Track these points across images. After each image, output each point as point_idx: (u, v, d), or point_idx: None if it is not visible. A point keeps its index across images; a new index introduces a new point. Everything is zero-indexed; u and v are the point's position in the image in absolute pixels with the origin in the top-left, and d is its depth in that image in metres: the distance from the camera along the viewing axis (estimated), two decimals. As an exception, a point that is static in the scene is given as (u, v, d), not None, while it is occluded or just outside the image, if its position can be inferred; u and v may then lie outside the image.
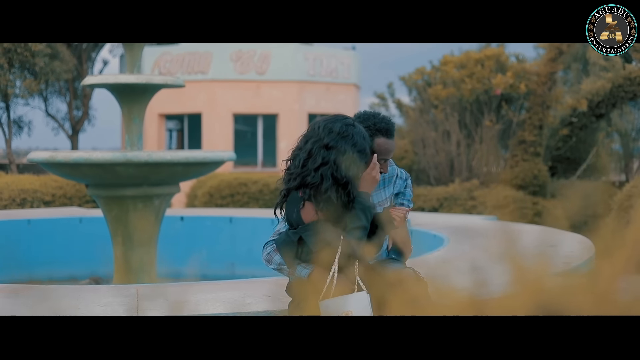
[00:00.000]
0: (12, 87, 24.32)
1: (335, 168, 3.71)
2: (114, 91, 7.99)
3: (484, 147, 15.36)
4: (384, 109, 18.11)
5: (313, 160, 3.73)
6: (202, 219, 11.14)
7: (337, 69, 25.54)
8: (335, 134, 3.74)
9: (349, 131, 3.76)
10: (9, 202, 15.22)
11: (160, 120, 25.42)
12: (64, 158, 7.23)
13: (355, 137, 3.76)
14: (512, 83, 14.86)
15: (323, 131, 3.76)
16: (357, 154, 3.75)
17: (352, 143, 3.74)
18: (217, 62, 24.35)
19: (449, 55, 16.55)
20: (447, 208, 14.34)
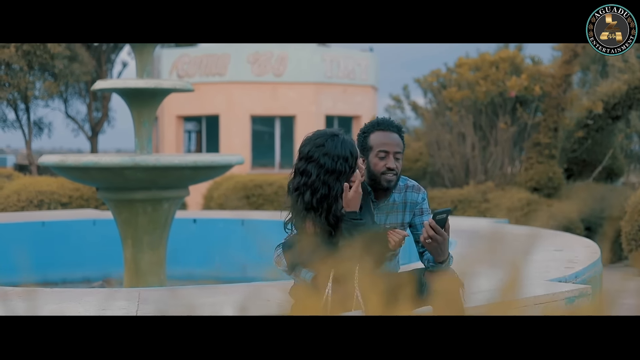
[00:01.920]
0: (32, 89, 24.53)
1: (311, 190, 3.73)
2: (123, 95, 8.07)
3: (498, 150, 15.34)
4: (399, 111, 18.12)
5: (294, 180, 3.80)
6: (214, 221, 11.21)
7: (355, 71, 25.55)
8: (312, 144, 3.77)
9: (323, 141, 3.77)
10: (26, 203, 15.35)
11: (178, 122, 25.54)
12: (73, 162, 7.31)
13: (327, 146, 3.73)
14: (526, 85, 14.84)
15: (304, 144, 3.81)
16: (331, 163, 3.72)
17: (323, 152, 3.72)
18: (235, 64, 24.43)
19: (464, 57, 16.54)
20: (462, 210, 14.34)
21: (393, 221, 4.04)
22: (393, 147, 3.99)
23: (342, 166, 3.71)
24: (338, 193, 3.73)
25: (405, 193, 4.08)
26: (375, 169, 3.98)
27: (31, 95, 24.74)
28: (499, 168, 15.39)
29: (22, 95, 24.72)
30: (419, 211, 4.08)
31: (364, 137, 4.05)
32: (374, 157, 3.98)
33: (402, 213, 4.08)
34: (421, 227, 4.06)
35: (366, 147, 4.02)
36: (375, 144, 3.99)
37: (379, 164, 3.97)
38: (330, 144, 3.73)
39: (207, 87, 24.63)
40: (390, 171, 3.97)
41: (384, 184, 3.97)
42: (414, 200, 4.07)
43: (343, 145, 3.73)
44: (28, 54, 23.25)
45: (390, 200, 4.06)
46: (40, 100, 26.45)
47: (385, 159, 3.97)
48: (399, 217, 4.07)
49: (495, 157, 15.40)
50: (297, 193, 3.75)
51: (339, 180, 3.72)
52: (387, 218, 4.04)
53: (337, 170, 3.71)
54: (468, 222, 10.42)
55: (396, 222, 4.05)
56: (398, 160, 4.01)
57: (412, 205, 4.07)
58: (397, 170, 3.99)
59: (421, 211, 4.09)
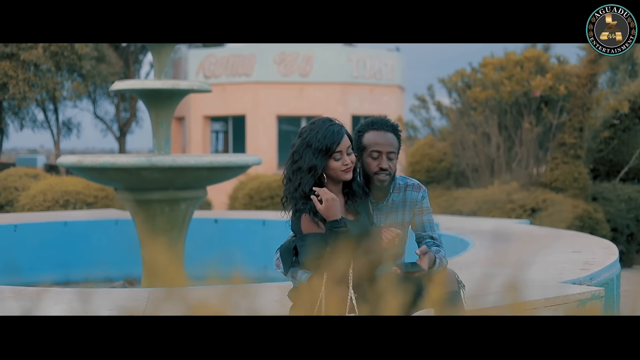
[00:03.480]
0: (60, 90, 24.72)
1: (291, 160, 3.80)
2: (141, 96, 8.10)
3: (523, 150, 15.24)
4: (424, 111, 18.06)
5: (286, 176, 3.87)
6: (235, 221, 11.23)
7: (381, 71, 25.52)
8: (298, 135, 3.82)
9: (304, 129, 3.81)
10: (52, 203, 15.47)
11: (205, 122, 25.63)
12: (90, 162, 7.36)
13: (306, 132, 3.77)
14: (551, 85, 14.72)
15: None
16: (312, 137, 3.73)
17: (310, 128, 3.77)
18: (261, 64, 24.48)
19: (489, 57, 16.44)
20: (486, 211, 14.25)
21: (393, 221, 4.01)
22: (386, 147, 3.94)
23: (319, 143, 3.70)
24: (313, 166, 3.73)
25: (404, 192, 4.04)
26: (368, 168, 3.94)
27: (59, 95, 24.94)
28: (524, 168, 15.27)
29: (51, 95, 24.93)
30: (418, 210, 4.04)
31: (359, 136, 4.01)
32: (367, 157, 3.95)
33: (402, 212, 4.03)
34: (421, 226, 4.04)
35: (360, 147, 3.98)
36: (369, 143, 3.95)
37: (372, 163, 3.93)
38: (319, 123, 3.77)
39: (234, 88, 24.71)
40: (382, 171, 3.92)
41: (376, 183, 3.93)
42: (413, 199, 4.03)
43: (330, 127, 3.73)
44: (56, 55, 23.43)
45: (389, 201, 4.02)
46: (69, 100, 26.66)
47: (378, 159, 3.92)
48: (399, 216, 4.03)
49: (520, 157, 15.30)
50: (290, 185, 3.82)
51: (314, 155, 3.72)
52: (387, 218, 4.00)
53: (312, 145, 3.72)
54: (489, 222, 10.36)
55: (396, 222, 4.02)
56: (392, 161, 3.95)
57: (412, 204, 4.03)
58: (391, 171, 3.94)
59: (421, 210, 4.04)
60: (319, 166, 3.72)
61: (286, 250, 3.90)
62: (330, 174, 3.78)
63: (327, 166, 3.75)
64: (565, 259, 6.63)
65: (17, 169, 18.60)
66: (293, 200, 3.82)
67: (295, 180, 3.78)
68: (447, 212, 14.59)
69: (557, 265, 6.27)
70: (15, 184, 17.30)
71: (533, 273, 5.91)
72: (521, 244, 7.90)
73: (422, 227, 4.03)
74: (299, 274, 3.80)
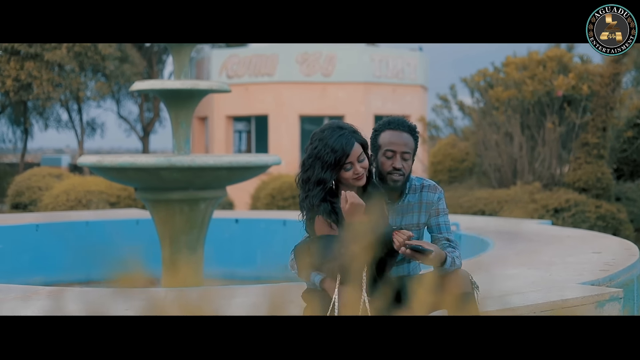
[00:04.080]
0: (84, 90, 24.85)
1: (302, 168, 3.77)
2: (161, 96, 8.12)
3: (546, 150, 15.15)
4: (446, 110, 18.00)
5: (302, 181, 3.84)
6: (256, 221, 11.24)
7: (404, 70, 25.47)
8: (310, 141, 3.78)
9: (325, 128, 3.77)
10: (74, 203, 15.57)
11: (228, 121, 25.69)
12: (110, 162, 7.38)
13: (325, 133, 3.73)
14: (574, 84, 14.61)
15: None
16: (321, 149, 3.69)
17: (319, 137, 3.73)
18: (283, 64, 24.51)
19: (511, 56, 16.36)
20: (508, 211, 14.18)
21: (408, 222, 3.99)
22: (401, 146, 3.92)
23: (328, 156, 3.67)
24: (322, 179, 3.70)
25: (420, 193, 4.02)
26: (382, 168, 3.93)
27: (83, 95, 25.07)
28: (547, 168, 15.18)
29: (74, 95, 25.06)
30: (434, 212, 4.01)
31: (375, 135, 4.01)
32: (381, 156, 3.94)
33: (418, 214, 4.01)
34: (437, 228, 4.01)
35: (376, 146, 3.98)
36: (384, 143, 3.94)
37: (386, 163, 3.92)
38: (329, 133, 3.72)
39: (256, 87, 24.75)
40: (396, 171, 3.90)
41: (390, 183, 3.91)
42: (429, 200, 4.01)
43: (339, 138, 3.70)
44: (79, 55, 23.56)
45: (404, 201, 4.00)
46: (92, 101, 26.80)
47: (392, 158, 3.91)
48: (415, 217, 4.01)
49: (543, 157, 15.21)
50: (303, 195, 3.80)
51: (322, 169, 3.69)
52: (403, 219, 3.99)
53: (321, 158, 3.68)
54: (511, 223, 10.31)
55: (412, 223, 4.00)
56: (406, 161, 3.93)
57: (428, 206, 4.01)
58: (405, 171, 3.92)
59: (437, 212, 4.01)
60: (328, 179, 3.71)
61: (301, 251, 3.90)
62: (342, 181, 3.77)
63: (338, 175, 3.74)
64: (585, 259, 6.58)
65: (40, 168, 18.74)
66: (303, 208, 3.82)
67: (304, 190, 3.76)
68: (469, 212, 14.53)
69: (576, 266, 6.23)
70: (39, 184, 17.44)
71: (552, 274, 5.87)
72: (542, 244, 7.85)
73: (438, 229, 4.01)
74: (312, 275, 3.80)
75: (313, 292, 3.85)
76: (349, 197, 3.63)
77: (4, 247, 9.82)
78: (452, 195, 15.27)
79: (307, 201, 3.76)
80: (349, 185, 3.77)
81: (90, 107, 29.10)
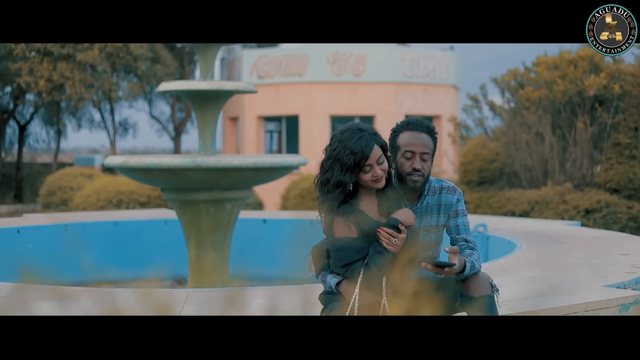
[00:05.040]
0: (116, 90, 25.02)
1: (321, 171, 3.75)
2: (187, 97, 8.15)
3: (577, 150, 15.01)
4: (476, 110, 17.88)
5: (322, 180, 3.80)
6: (283, 222, 11.25)
7: (435, 70, 25.37)
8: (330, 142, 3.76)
9: (345, 130, 3.73)
10: (105, 202, 15.68)
11: (258, 122, 25.74)
12: (136, 163, 7.42)
13: (335, 143, 3.70)
14: (605, 84, 14.47)
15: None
16: (341, 150, 3.66)
17: (339, 139, 3.70)
18: (314, 64, 24.51)
19: (542, 56, 16.23)
20: (539, 212, 14.08)
21: (427, 224, 3.96)
22: (420, 147, 3.89)
23: (347, 158, 3.65)
24: (341, 182, 3.67)
25: (439, 195, 3.99)
26: (401, 169, 3.90)
27: (115, 96, 25.23)
28: (578, 169, 15.04)
29: (107, 96, 25.23)
30: (453, 213, 3.98)
31: (394, 136, 3.98)
32: (400, 157, 3.91)
33: (437, 215, 3.98)
34: (456, 229, 3.98)
35: (395, 147, 3.95)
36: (403, 143, 3.91)
37: (406, 164, 3.89)
38: (348, 135, 3.69)
39: (287, 88, 24.78)
40: (415, 172, 3.87)
41: (409, 184, 3.88)
42: (448, 202, 3.98)
43: (358, 140, 3.67)
44: (111, 56, 23.72)
45: (423, 203, 3.97)
46: (124, 101, 26.96)
47: (412, 159, 3.87)
48: (434, 219, 3.98)
49: (574, 157, 15.07)
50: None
51: (341, 171, 3.67)
52: (422, 221, 3.95)
53: (340, 160, 3.66)
54: (539, 224, 10.23)
55: (430, 225, 3.97)
56: (425, 162, 3.90)
57: (447, 207, 3.97)
58: (424, 172, 3.89)
59: (456, 213, 3.97)
60: (347, 182, 3.68)
61: (318, 252, 3.88)
62: (361, 183, 3.75)
63: (357, 177, 3.72)
64: (612, 261, 6.52)
65: (72, 168, 18.89)
66: (321, 210, 3.81)
67: (323, 192, 3.75)
68: (499, 213, 14.44)
69: (602, 268, 6.17)
70: (70, 184, 17.59)
71: (577, 276, 5.82)
72: (569, 246, 7.78)
73: (456, 230, 3.97)
74: (328, 278, 3.78)
75: (330, 294, 3.84)
76: (396, 237, 3.66)
77: (34, 246, 9.91)
78: (481, 196, 15.18)
79: (326, 203, 3.75)
80: (367, 187, 3.75)
81: (122, 108, 29.30)
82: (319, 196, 3.81)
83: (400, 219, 3.71)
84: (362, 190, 3.78)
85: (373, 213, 3.78)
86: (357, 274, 3.67)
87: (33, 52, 24.03)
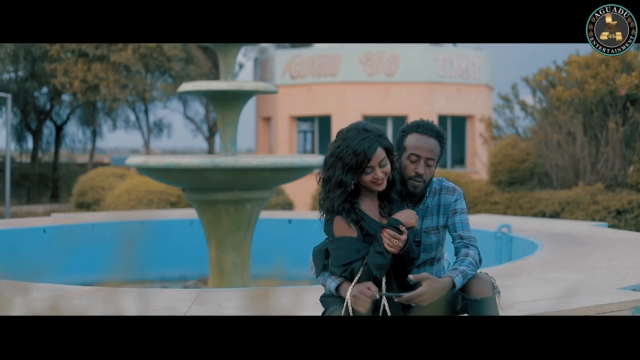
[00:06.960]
0: (150, 91, 25.17)
1: (323, 168, 3.73)
2: (208, 98, 8.17)
3: (609, 150, 14.82)
4: (508, 110, 17.75)
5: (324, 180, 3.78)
6: (308, 222, 11.23)
7: (468, 70, 25.23)
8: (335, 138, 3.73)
9: (340, 135, 3.71)
10: (136, 202, 15.78)
11: (291, 122, 25.77)
12: (156, 163, 7.46)
13: (340, 141, 3.67)
14: (637, 83, 14.27)
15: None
16: (343, 149, 3.63)
17: (343, 137, 3.67)
18: (347, 65, 24.48)
19: (574, 55, 16.06)
20: (569, 213, 13.93)
21: (428, 225, 3.93)
22: (426, 152, 3.86)
23: (350, 158, 3.62)
24: (342, 182, 3.65)
25: (439, 196, 3.95)
26: (405, 171, 3.87)
27: (149, 96, 25.39)
28: (610, 169, 14.86)
29: (141, 96, 25.40)
30: (452, 212, 3.94)
31: (402, 136, 3.94)
32: (405, 159, 3.87)
33: (437, 216, 3.95)
34: (453, 227, 3.94)
35: (401, 147, 3.91)
36: (410, 145, 3.88)
37: (409, 167, 3.85)
38: (353, 134, 3.66)
39: (320, 88, 24.78)
40: (418, 177, 3.85)
41: (410, 188, 3.86)
42: (447, 202, 3.94)
43: (362, 141, 3.63)
44: (145, 57, 23.87)
45: (424, 205, 3.94)
46: (159, 101, 27.12)
47: (416, 163, 3.85)
48: (434, 220, 3.95)
49: (606, 157, 14.89)
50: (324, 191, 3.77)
51: (343, 170, 3.64)
52: (423, 223, 3.93)
53: (343, 160, 3.63)
54: (566, 224, 10.12)
55: (431, 227, 3.94)
56: (429, 167, 3.86)
57: (446, 208, 3.94)
58: (426, 178, 3.85)
59: (454, 211, 3.94)
60: (348, 183, 3.65)
61: (318, 252, 3.85)
62: (362, 184, 3.72)
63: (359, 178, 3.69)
64: (632, 263, 6.43)
65: (105, 169, 19.04)
66: (322, 208, 3.79)
67: (324, 190, 3.73)
68: (529, 213, 14.32)
69: (621, 270, 6.08)
70: (102, 184, 17.73)
71: (593, 278, 5.74)
72: (592, 247, 7.69)
73: (453, 228, 3.94)
74: (327, 282, 3.74)
75: (330, 297, 3.82)
76: (398, 239, 3.64)
77: (60, 246, 9.99)
78: (512, 196, 15.06)
79: (327, 202, 3.73)
80: (368, 188, 3.73)
81: (156, 108, 29.47)
82: (321, 194, 3.79)
83: (401, 219, 3.68)
84: (363, 190, 3.76)
85: (374, 213, 3.76)
86: (356, 273, 3.65)
87: (68, 53, 24.26)
